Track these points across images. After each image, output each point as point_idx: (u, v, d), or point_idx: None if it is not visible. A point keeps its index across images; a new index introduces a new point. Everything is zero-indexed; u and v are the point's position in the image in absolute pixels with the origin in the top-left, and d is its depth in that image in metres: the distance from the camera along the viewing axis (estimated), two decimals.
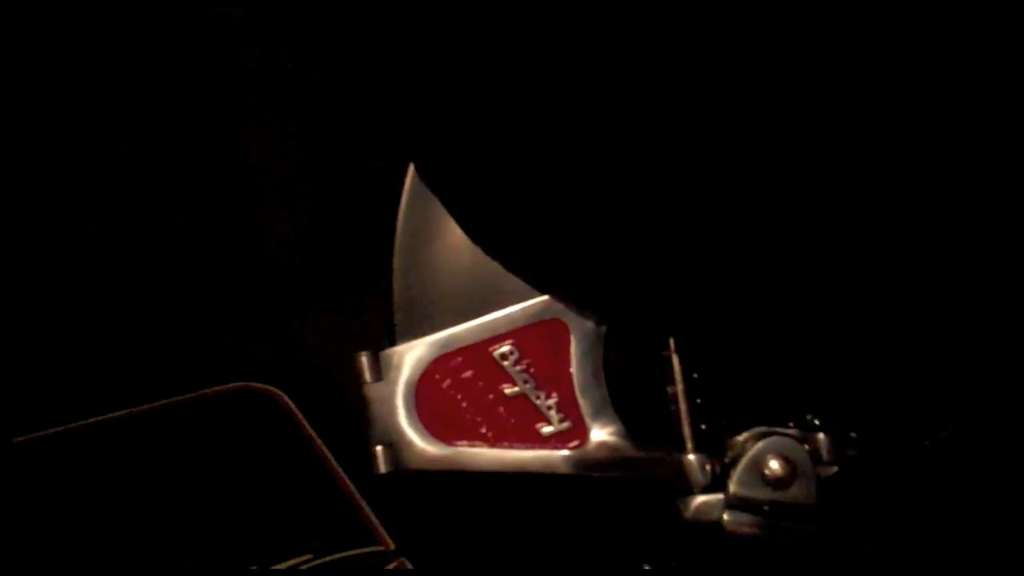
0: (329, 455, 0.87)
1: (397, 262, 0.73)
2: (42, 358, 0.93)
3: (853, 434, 0.67)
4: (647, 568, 0.69)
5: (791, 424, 0.68)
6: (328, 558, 0.80)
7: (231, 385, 0.92)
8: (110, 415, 0.88)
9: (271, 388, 0.92)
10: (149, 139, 0.94)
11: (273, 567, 0.79)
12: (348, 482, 0.85)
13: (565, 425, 0.72)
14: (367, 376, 0.73)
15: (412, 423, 0.73)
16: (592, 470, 0.71)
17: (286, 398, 0.91)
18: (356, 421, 0.82)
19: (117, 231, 0.95)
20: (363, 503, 0.83)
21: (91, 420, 0.87)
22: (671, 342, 0.68)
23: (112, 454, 0.86)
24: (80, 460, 0.86)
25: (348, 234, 0.94)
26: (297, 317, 0.98)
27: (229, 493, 0.85)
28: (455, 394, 0.73)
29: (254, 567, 0.79)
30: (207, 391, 0.91)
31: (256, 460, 0.88)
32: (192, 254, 0.97)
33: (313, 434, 0.89)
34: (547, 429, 0.72)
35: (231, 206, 0.97)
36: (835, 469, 0.67)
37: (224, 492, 0.85)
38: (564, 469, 0.71)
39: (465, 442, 0.73)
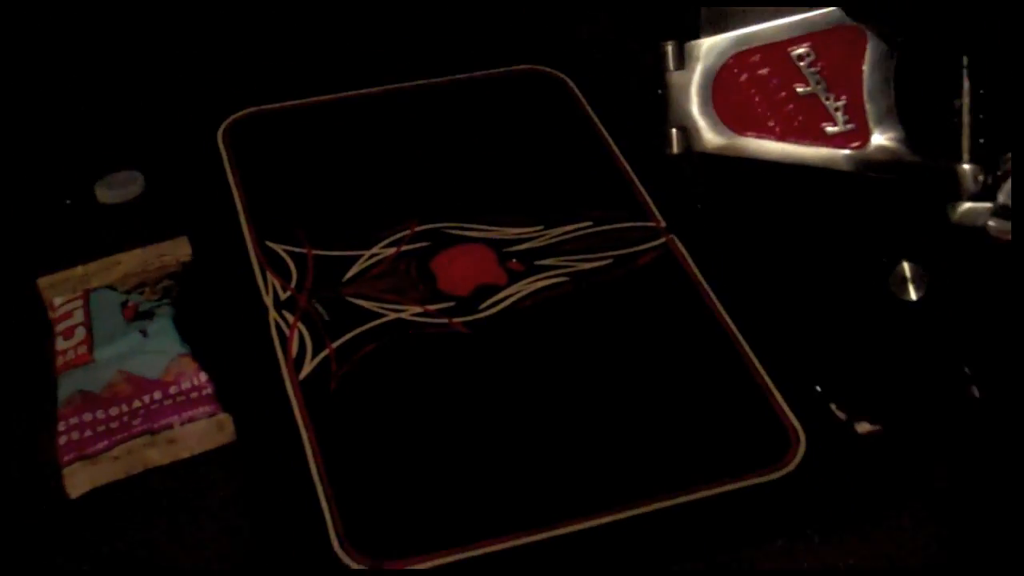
0: (607, 133, 0.94)
1: None
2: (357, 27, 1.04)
3: None
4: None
5: None
6: (607, 227, 0.86)
7: (522, 67, 0.99)
8: (406, 84, 0.97)
9: (558, 72, 0.99)
10: None
11: (549, 228, 0.85)
12: (625, 161, 0.92)
13: (850, 127, 0.77)
14: (671, 64, 0.79)
15: (707, 111, 0.80)
16: (870, 170, 0.77)
17: (571, 82, 0.98)
18: (635, 108, 0.92)
19: None
20: (638, 181, 0.90)
21: (380, 88, 0.97)
22: (964, 57, 0.71)
23: (408, 121, 0.95)
24: (360, 129, 0.95)
25: None
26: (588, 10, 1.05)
27: (517, 161, 0.92)
28: (749, 89, 0.79)
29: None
30: (499, 70, 0.99)
31: (541, 137, 0.94)
32: None
33: (593, 115, 0.96)
34: (832, 129, 0.78)
35: None
36: None
37: (512, 161, 0.92)
38: (844, 167, 0.77)
39: (753, 133, 0.79)
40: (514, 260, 0.84)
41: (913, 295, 0.76)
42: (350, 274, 0.83)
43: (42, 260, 0.86)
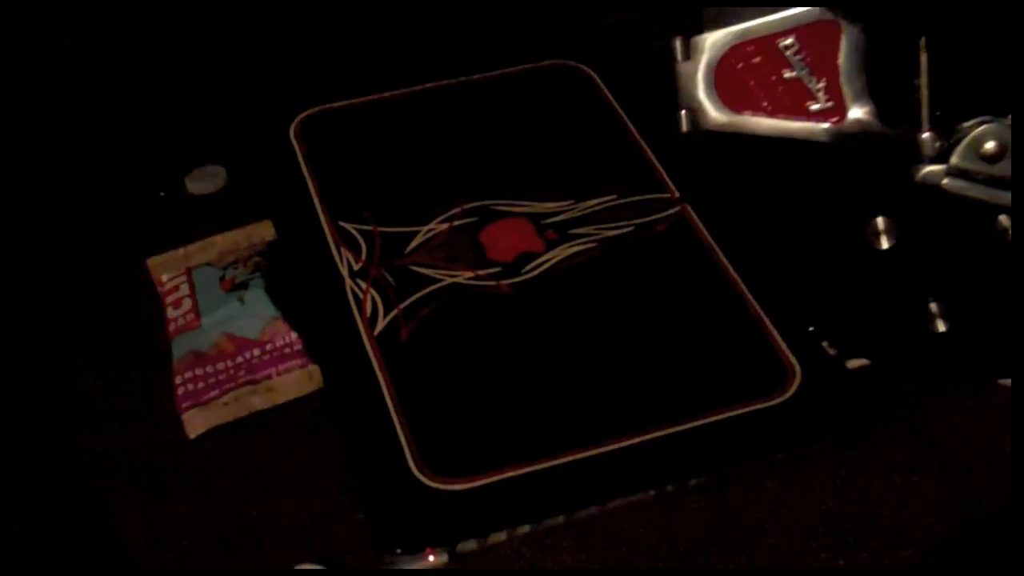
0: (625, 117, 1.02)
1: None
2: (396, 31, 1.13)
3: None
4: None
5: (1009, 117, 0.79)
6: (628, 199, 0.95)
7: (549, 61, 1.08)
8: (443, 82, 1.06)
9: (581, 64, 1.07)
10: None
11: (578, 202, 0.93)
12: (642, 141, 1.00)
13: (829, 104, 0.85)
14: (679, 55, 0.89)
15: (710, 95, 0.89)
16: (846, 140, 0.84)
17: (592, 73, 1.07)
18: (651, 94, 0.98)
19: None
20: (654, 158, 0.98)
21: (428, 85, 1.05)
22: (922, 41, 0.78)
23: (454, 113, 1.03)
24: (413, 122, 1.02)
25: None
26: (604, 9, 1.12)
27: (548, 144, 1.01)
28: (745, 75, 0.88)
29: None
30: (529, 65, 1.08)
31: (569, 122, 1.02)
32: None
33: (613, 102, 1.04)
34: (814, 106, 0.86)
35: None
36: None
37: (544, 144, 1.01)
38: (825, 138, 0.85)
39: (749, 112, 0.88)
40: (550, 230, 0.91)
41: (885, 244, 0.83)
42: (411, 247, 0.91)
43: (147, 244, 0.97)
